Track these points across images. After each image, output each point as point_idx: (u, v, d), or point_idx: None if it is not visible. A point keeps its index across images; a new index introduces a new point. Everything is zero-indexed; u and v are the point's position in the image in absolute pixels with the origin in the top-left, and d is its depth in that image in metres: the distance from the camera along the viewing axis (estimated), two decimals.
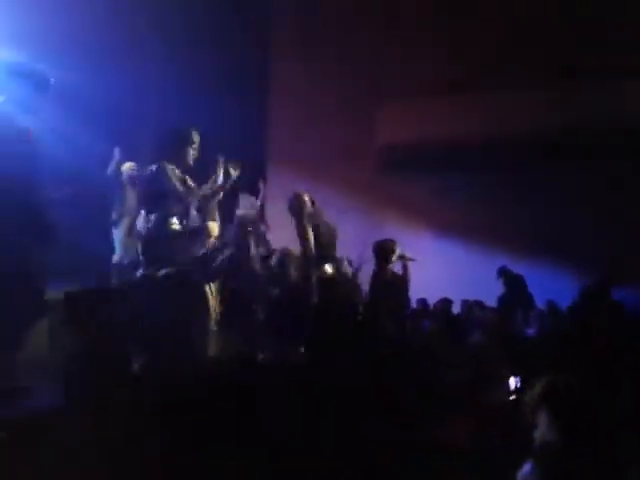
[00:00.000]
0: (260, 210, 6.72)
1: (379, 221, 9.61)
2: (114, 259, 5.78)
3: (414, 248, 6.08)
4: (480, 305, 7.61)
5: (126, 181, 5.99)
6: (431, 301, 7.96)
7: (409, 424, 3.45)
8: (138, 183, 5.56)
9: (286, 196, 5.54)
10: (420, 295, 7.58)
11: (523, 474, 2.09)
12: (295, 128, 10.37)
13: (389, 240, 5.64)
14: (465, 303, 7.88)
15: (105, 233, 5.85)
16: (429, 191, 9.96)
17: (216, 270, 4.70)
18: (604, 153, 8.99)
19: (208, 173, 4.93)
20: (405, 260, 5.68)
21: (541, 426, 2.21)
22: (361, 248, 5.78)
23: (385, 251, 5.52)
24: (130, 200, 5.91)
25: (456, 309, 7.92)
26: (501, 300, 8.00)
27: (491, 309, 7.66)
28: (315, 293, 4.62)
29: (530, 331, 6.64)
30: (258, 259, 5.33)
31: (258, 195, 6.44)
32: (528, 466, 2.08)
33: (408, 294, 5.96)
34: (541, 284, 8.27)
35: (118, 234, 5.92)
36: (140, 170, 5.56)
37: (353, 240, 6.77)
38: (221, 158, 4.97)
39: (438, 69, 9.89)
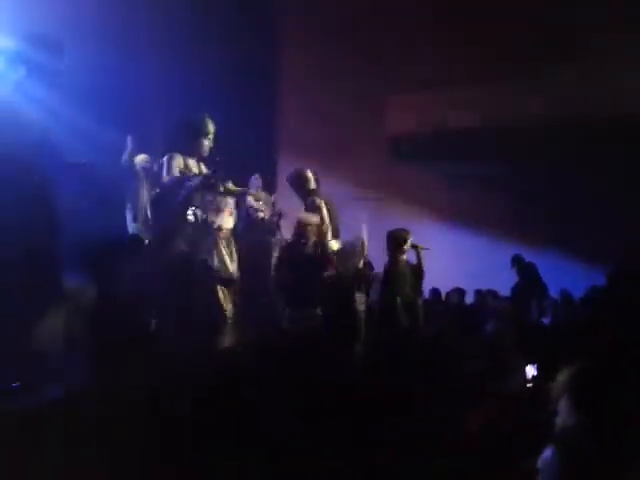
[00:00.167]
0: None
1: (390, 210, 9.56)
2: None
3: (426, 237, 6.02)
4: (494, 294, 7.57)
5: (140, 173, 5.99)
6: (444, 291, 7.94)
7: (425, 414, 3.43)
8: (151, 174, 5.56)
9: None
10: (433, 285, 7.55)
11: (544, 459, 2.07)
12: (305, 117, 10.33)
13: (402, 229, 5.58)
14: (478, 293, 7.85)
15: (118, 223, 5.84)
16: (441, 180, 9.90)
17: None
18: (620, 142, 8.89)
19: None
20: (418, 249, 5.61)
21: (563, 412, 2.18)
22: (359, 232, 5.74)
23: (398, 240, 5.47)
24: (143, 191, 5.92)
25: (469, 299, 7.90)
26: (515, 289, 7.96)
27: (505, 298, 7.62)
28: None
29: (545, 320, 6.60)
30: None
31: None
32: (549, 452, 2.06)
33: (422, 284, 5.91)
34: (554, 273, 8.23)
35: (132, 224, 5.93)
36: (153, 162, 5.55)
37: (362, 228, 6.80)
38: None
39: (450, 57, 9.81)
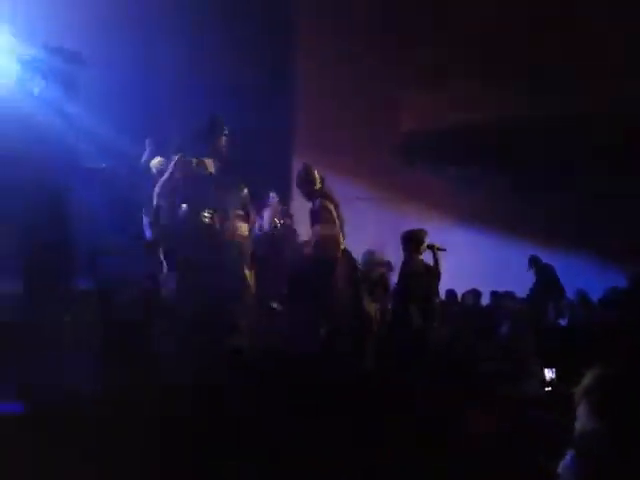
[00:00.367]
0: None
1: (405, 211, 9.53)
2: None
3: (442, 238, 5.96)
4: (510, 296, 7.51)
5: (156, 176, 6.01)
6: (459, 292, 7.89)
7: (439, 416, 3.41)
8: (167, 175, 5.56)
9: None
10: (448, 286, 7.50)
11: (565, 464, 2.05)
12: (319, 119, 10.32)
13: (419, 229, 5.51)
14: (495, 294, 7.79)
15: (135, 226, 5.85)
16: (457, 180, 9.84)
17: None
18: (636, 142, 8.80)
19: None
20: (435, 250, 5.54)
21: (581, 417, 2.16)
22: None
23: (414, 240, 5.41)
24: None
25: (485, 300, 7.85)
26: (532, 290, 7.89)
27: (521, 300, 7.56)
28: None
29: (562, 322, 6.55)
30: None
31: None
32: (569, 457, 2.04)
33: (438, 285, 5.86)
34: (572, 274, 8.16)
35: (147, 227, 5.94)
36: (168, 165, 5.56)
37: (376, 229, 6.79)
38: None
39: (459, 57, 9.77)
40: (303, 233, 5.73)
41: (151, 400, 3.05)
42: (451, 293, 7.78)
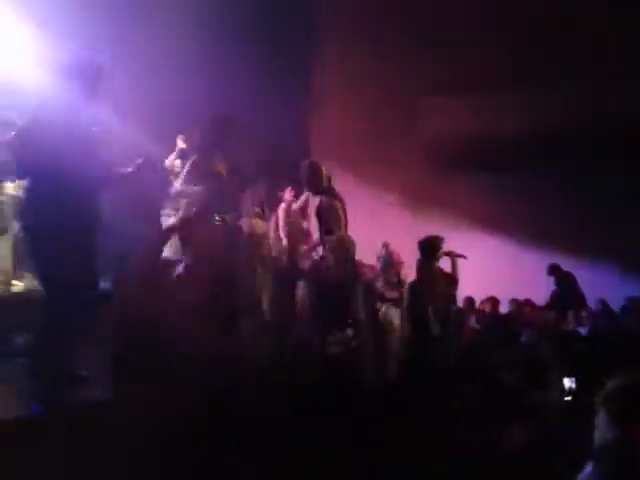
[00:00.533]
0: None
1: (424, 217, 9.46)
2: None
3: (461, 245, 5.90)
4: (530, 304, 7.41)
5: (173, 176, 6.03)
6: (478, 299, 7.80)
7: (457, 424, 3.37)
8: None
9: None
10: (468, 293, 7.42)
11: (584, 476, 2.00)
12: (338, 123, 10.30)
13: (435, 236, 5.48)
14: (514, 302, 7.69)
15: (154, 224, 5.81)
16: (478, 187, 9.76)
17: None
18: None
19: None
20: (453, 257, 5.50)
21: (600, 427, 2.10)
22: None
23: (430, 247, 5.37)
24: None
25: (504, 308, 7.75)
26: (552, 299, 7.79)
27: (541, 308, 7.46)
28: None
29: (582, 331, 6.45)
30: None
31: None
32: (589, 468, 1.98)
33: (455, 291, 5.81)
34: (593, 283, 8.04)
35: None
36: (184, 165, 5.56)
37: (395, 235, 6.74)
38: None
39: (487, 62, 9.71)
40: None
41: (170, 402, 3.04)
42: (469, 300, 7.70)
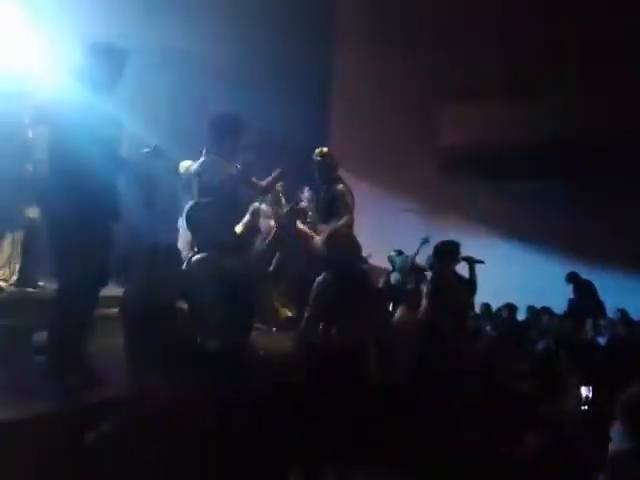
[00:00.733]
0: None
1: (442, 223, 9.42)
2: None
3: (479, 251, 5.84)
4: (548, 312, 7.32)
5: (188, 178, 6.04)
6: (495, 306, 7.73)
7: (472, 433, 3.33)
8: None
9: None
10: (485, 300, 7.36)
11: None
12: (357, 127, 10.31)
13: (451, 241, 5.40)
14: (532, 309, 7.61)
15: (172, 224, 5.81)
16: (497, 194, 9.70)
17: None
18: None
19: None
20: (471, 262, 5.43)
21: (616, 437, 2.08)
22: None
23: (446, 252, 5.30)
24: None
25: (521, 315, 7.68)
26: (570, 306, 7.69)
27: (559, 316, 7.38)
28: None
29: (601, 340, 6.35)
30: None
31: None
32: (602, 478, 1.96)
33: (473, 298, 5.73)
34: (612, 291, 7.94)
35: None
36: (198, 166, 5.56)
37: (412, 240, 6.72)
38: None
39: (504, 69, 9.68)
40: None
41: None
42: (486, 307, 7.64)
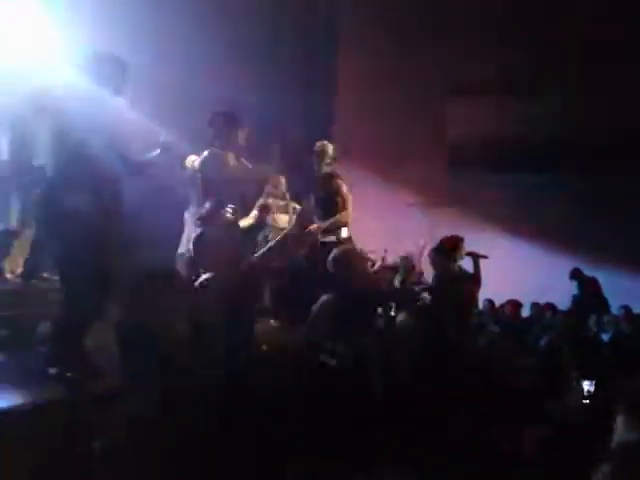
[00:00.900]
0: None
1: (447, 219, 9.44)
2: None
3: (484, 247, 5.85)
4: (552, 308, 7.35)
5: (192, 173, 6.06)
6: (498, 302, 7.75)
7: (474, 429, 3.35)
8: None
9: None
10: (488, 295, 7.37)
11: (600, 478, 2.00)
12: (363, 126, 10.32)
13: (454, 236, 5.40)
14: (536, 306, 7.63)
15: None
16: (502, 190, 9.72)
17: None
18: None
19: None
20: (476, 257, 5.43)
21: (619, 429, 2.11)
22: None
23: (449, 247, 5.30)
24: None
25: (525, 312, 7.70)
26: (574, 303, 7.72)
27: (563, 312, 7.40)
28: None
29: (604, 336, 6.37)
30: None
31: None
32: (605, 469, 1.99)
33: (477, 293, 5.73)
34: (616, 288, 7.96)
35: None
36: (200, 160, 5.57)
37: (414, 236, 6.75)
38: None
39: (510, 67, 9.70)
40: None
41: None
42: (490, 303, 7.66)
